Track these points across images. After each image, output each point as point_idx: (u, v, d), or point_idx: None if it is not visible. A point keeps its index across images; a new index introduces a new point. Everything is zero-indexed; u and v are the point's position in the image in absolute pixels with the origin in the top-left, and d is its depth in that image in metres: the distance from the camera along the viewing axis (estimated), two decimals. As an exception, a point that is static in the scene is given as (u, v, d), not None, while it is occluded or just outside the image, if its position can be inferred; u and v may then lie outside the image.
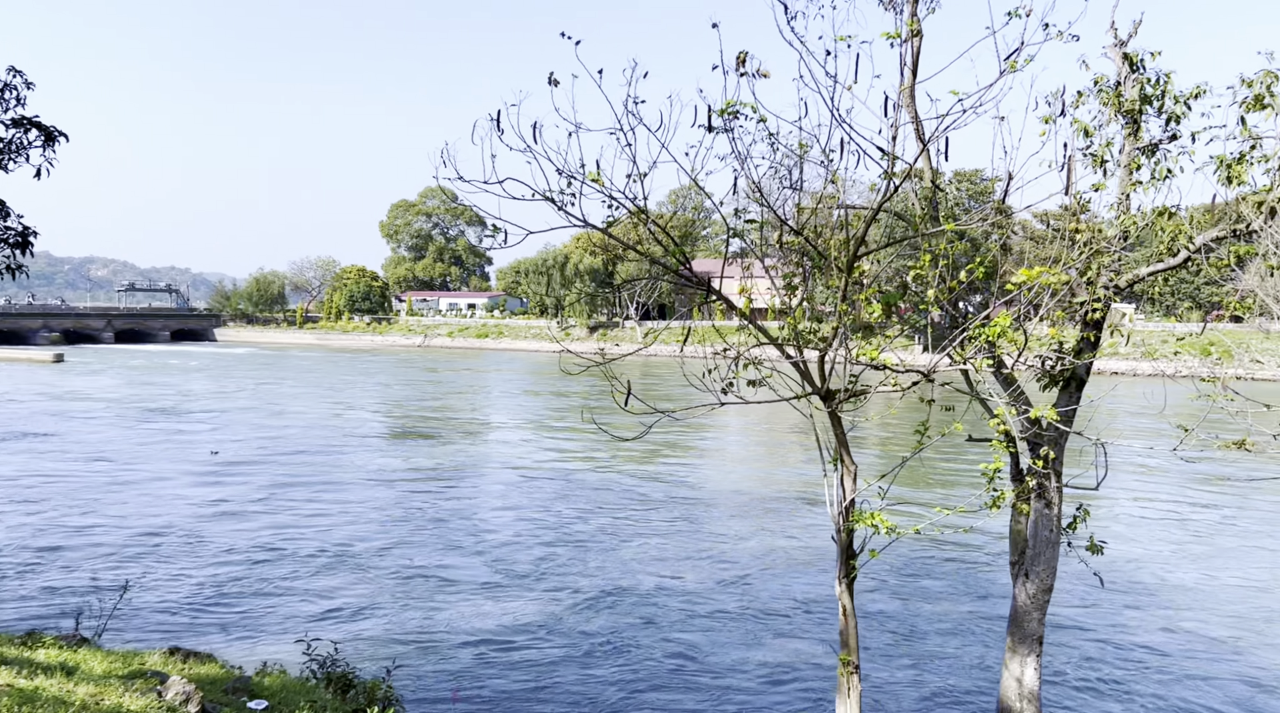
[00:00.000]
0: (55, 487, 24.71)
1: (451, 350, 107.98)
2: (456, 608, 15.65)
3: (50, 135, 11.11)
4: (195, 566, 17.63)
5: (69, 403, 46.14)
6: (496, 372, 75.82)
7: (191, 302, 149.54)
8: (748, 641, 14.46)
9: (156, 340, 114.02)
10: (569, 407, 49.20)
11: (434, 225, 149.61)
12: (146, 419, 40.55)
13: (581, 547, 19.78)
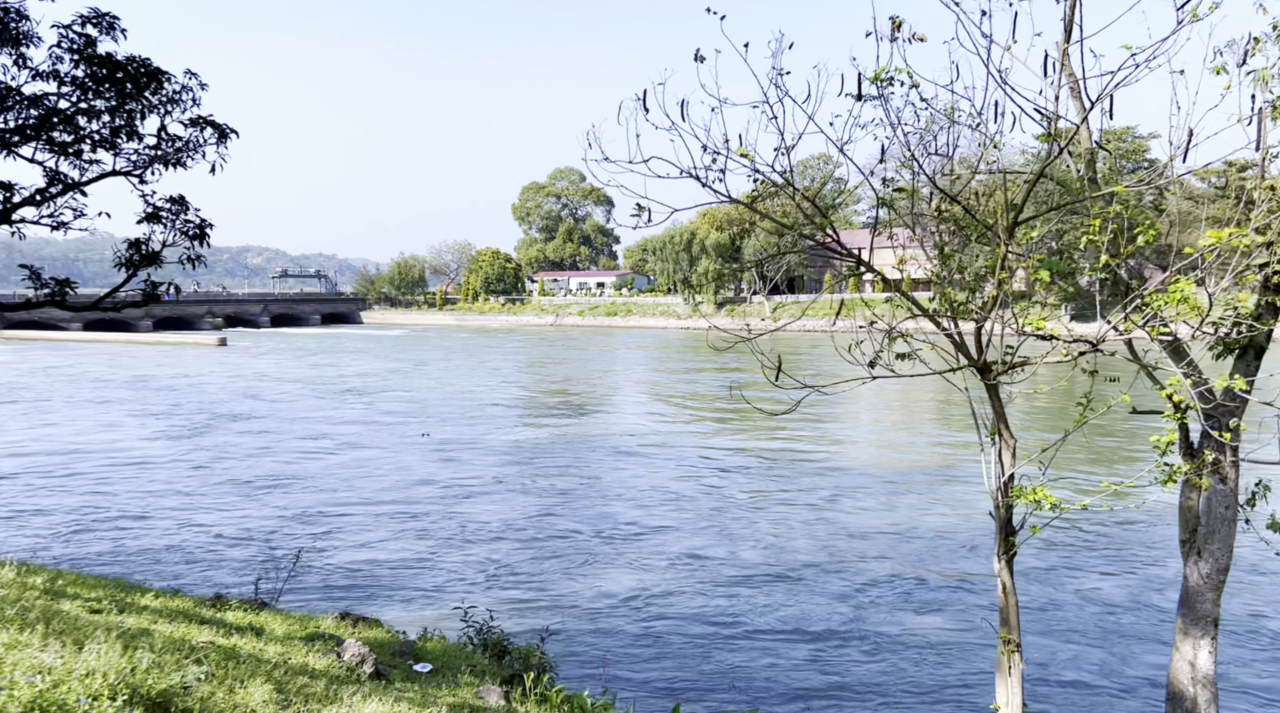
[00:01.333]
0: (242, 464, 26.56)
1: (582, 329, 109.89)
2: (603, 579, 16.04)
3: (223, 133, 11.87)
4: (360, 536, 18.66)
5: (257, 384, 49.01)
6: (626, 349, 76.71)
7: (339, 286, 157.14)
8: (899, 617, 14.27)
9: (308, 324, 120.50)
10: (701, 383, 49.40)
11: (563, 206, 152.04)
12: (328, 398, 42.91)
13: (722, 520, 19.91)
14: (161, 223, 12.39)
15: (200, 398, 42.22)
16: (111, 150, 11.81)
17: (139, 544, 17.73)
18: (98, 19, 10.33)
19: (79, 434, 31.06)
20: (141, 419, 34.97)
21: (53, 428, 32.37)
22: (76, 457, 26.74)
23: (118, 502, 21.32)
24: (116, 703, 3.39)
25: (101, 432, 31.75)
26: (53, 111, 11.32)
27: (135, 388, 46.17)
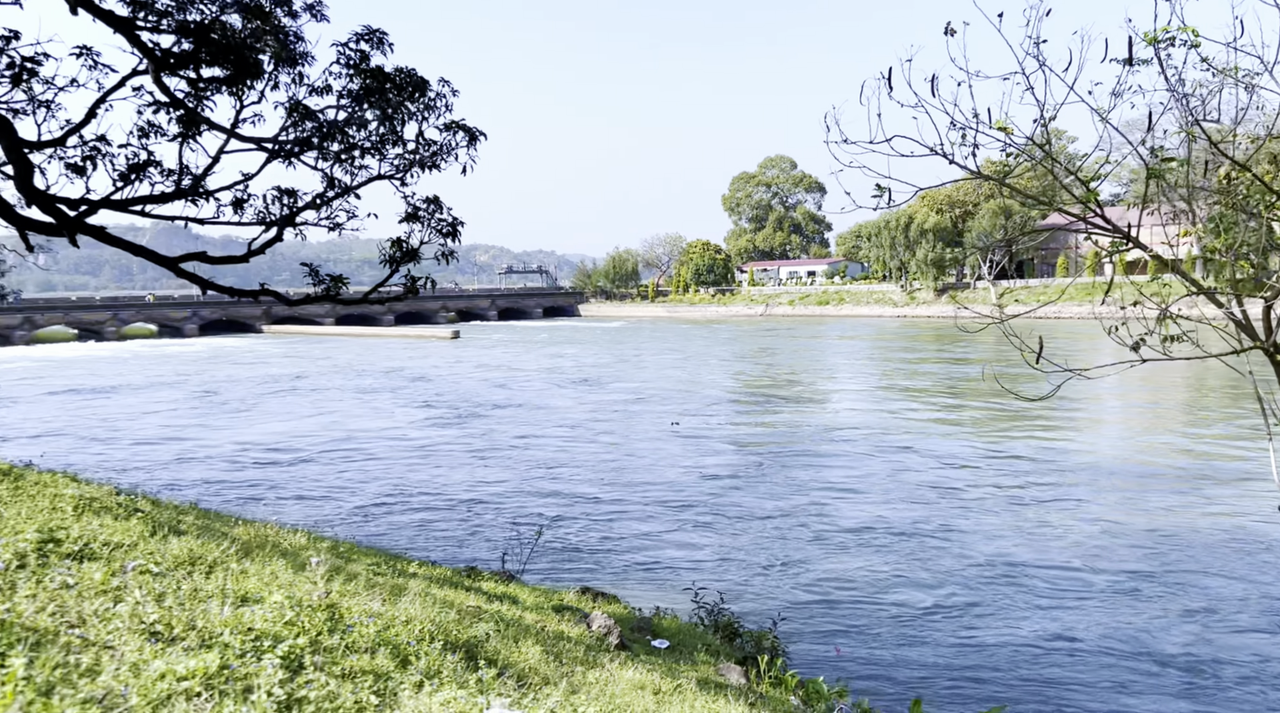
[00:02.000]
0: (494, 448, 28.44)
1: (792, 318, 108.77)
2: (832, 568, 15.91)
3: (473, 136, 12.70)
4: (596, 517, 19.51)
5: (499, 373, 52.01)
6: (840, 339, 75.22)
7: (558, 281, 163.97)
8: (1163, 626, 13.23)
9: (531, 317, 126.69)
10: (923, 373, 47.68)
11: (773, 195, 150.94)
12: (568, 387, 44.91)
13: (955, 513, 19.19)
14: (419, 222, 13.45)
15: (452, 387, 45.17)
16: (378, 156, 12.95)
17: (401, 519, 19.39)
18: (370, 35, 11.33)
19: (353, 420, 34.17)
20: (404, 407, 37.90)
21: (332, 416, 35.69)
22: (352, 441, 29.47)
23: (384, 481, 23.37)
24: (436, 646, 3.79)
25: (372, 419, 34.69)
26: (330, 123, 12.54)
27: (391, 377, 50.18)
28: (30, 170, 12.17)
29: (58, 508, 4.45)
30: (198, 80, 11.79)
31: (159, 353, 71.63)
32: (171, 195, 13.29)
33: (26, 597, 2.82)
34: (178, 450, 27.63)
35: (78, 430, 31.68)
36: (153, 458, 26.37)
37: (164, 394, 42.69)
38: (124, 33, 11.26)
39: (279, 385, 46.33)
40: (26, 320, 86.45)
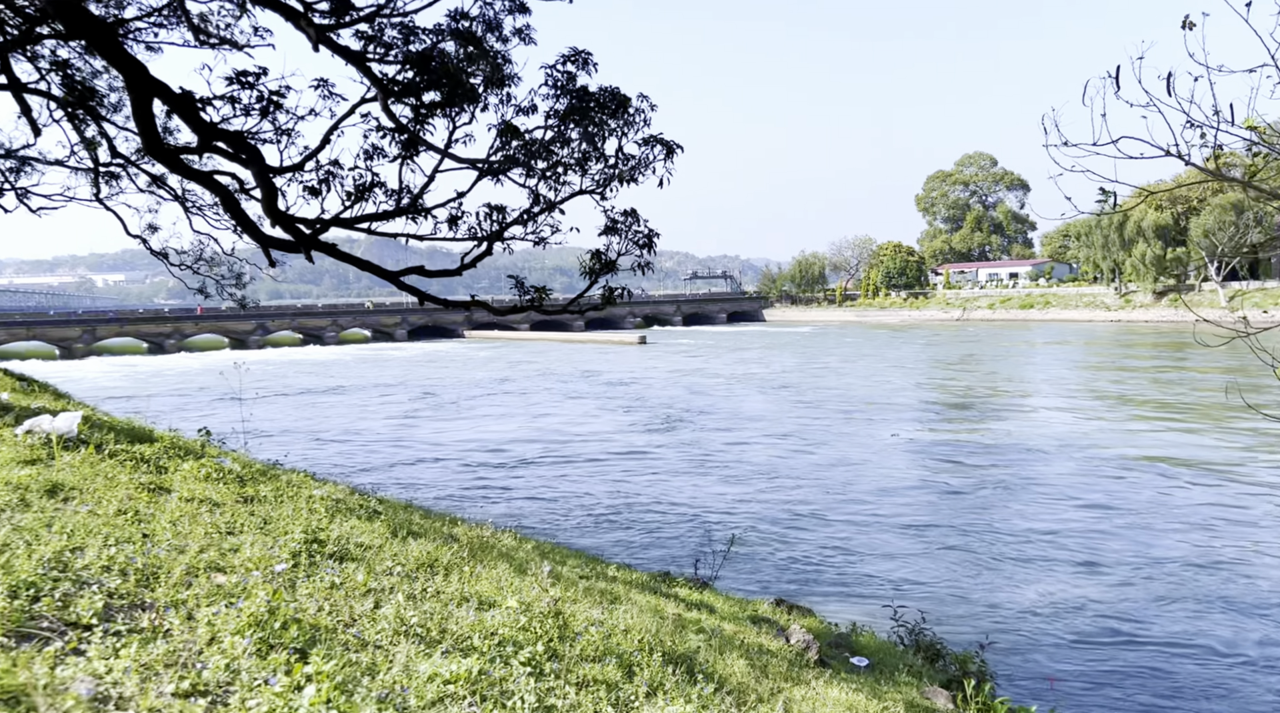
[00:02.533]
0: (696, 453, 28.89)
1: (992, 322, 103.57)
2: (1042, 590, 15.06)
3: (670, 149, 12.94)
4: (791, 526, 19.37)
5: (694, 379, 52.33)
6: (1047, 344, 70.92)
7: (742, 286, 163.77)
8: None
9: (715, 322, 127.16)
10: (1141, 383, 44.21)
11: (971, 193, 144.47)
12: (767, 392, 44.61)
13: (1173, 538, 17.70)
14: (617, 234, 13.82)
15: (647, 391, 45.83)
16: (580, 172, 13.42)
17: (598, 520, 19.96)
18: (576, 56, 11.77)
19: (555, 422, 35.43)
20: (602, 410, 38.78)
21: (536, 417, 37.13)
22: (554, 442, 30.59)
23: (583, 483, 24.13)
24: (656, 657, 3.90)
25: (572, 421, 35.76)
26: (537, 142, 13.11)
27: (588, 381, 51.64)
28: (275, 194, 13.43)
29: (313, 510, 4.90)
30: (419, 106, 12.61)
31: (375, 356, 77.04)
32: (393, 213, 14.31)
33: (306, 595, 3.14)
34: (399, 449, 29.64)
35: (312, 429, 34.54)
36: (377, 455, 28.41)
37: (385, 395, 45.89)
38: (356, 64, 12.23)
39: (487, 388, 48.74)
40: (260, 326, 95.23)
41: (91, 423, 5.54)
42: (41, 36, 15.44)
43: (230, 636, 2.41)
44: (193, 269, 26.74)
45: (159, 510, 3.74)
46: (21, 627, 2.15)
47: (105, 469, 4.32)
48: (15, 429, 4.72)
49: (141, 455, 4.89)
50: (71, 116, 18.39)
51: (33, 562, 2.50)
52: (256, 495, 4.80)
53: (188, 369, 65.21)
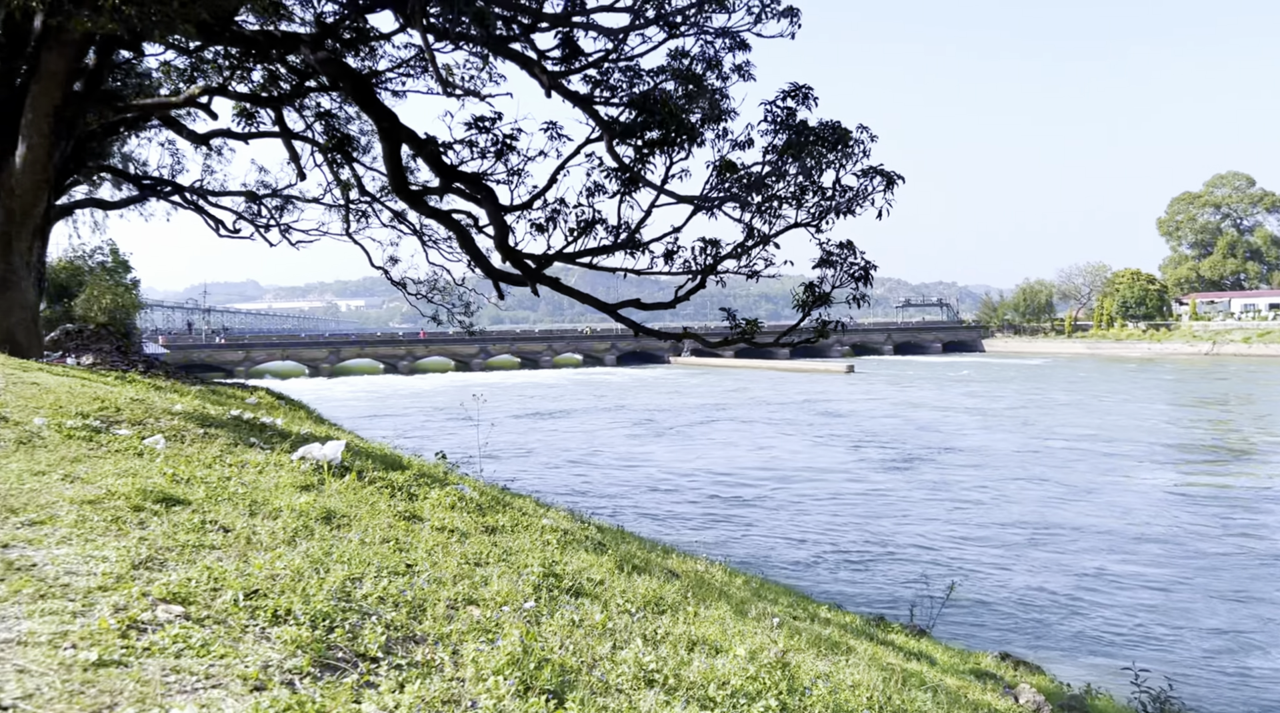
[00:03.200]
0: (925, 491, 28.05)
1: (1248, 358, 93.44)
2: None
3: (890, 180, 12.62)
4: (1011, 571, 18.26)
5: (916, 412, 50.03)
6: (1316, 385, 63.13)
7: (959, 314, 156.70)
8: None
9: (929, 352, 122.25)
10: None
11: (1223, 217, 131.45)
12: (991, 428, 42.21)
13: None
14: (832, 266, 13.62)
15: (865, 423, 44.32)
16: (796, 205, 13.35)
17: (810, 555, 19.60)
18: (796, 92, 11.76)
19: (770, 452, 35.01)
20: (822, 442, 37.68)
21: (754, 448, 36.72)
22: (767, 471, 30.29)
23: (795, 514, 23.74)
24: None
25: (788, 451, 35.14)
26: (753, 177, 13.18)
27: (800, 410, 50.60)
28: (507, 231, 14.26)
29: (547, 542, 5.13)
30: (641, 146, 13.00)
31: (589, 380, 79.72)
32: (611, 247, 14.80)
33: (550, 633, 3.28)
34: (614, 472, 30.42)
35: (536, 451, 35.99)
36: (595, 479, 29.28)
37: (603, 419, 47.25)
38: (583, 108, 12.81)
39: (700, 415, 49.03)
40: (482, 350, 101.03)
41: (352, 450, 6.07)
42: (309, 90, 17.26)
43: (493, 675, 2.57)
44: (427, 298, 28.82)
45: (415, 540, 4.04)
46: (322, 657, 2.38)
47: (366, 496, 4.72)
48: (290, 455, 5.26)
49: (395, 483, 5.30)
50: (329, 160, 20.36)
51: (324, 592, 2.78)
52: (496, 526, 5.09)
53: (419, 390, 70.06)
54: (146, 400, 6.36)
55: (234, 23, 14.09)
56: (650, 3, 11.67)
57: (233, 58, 17.08)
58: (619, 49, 12.52)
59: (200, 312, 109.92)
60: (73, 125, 14.08)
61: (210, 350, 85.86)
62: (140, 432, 5.20)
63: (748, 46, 13.10)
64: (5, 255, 12.38)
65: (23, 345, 12.42)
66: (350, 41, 14.88)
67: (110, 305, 33.87)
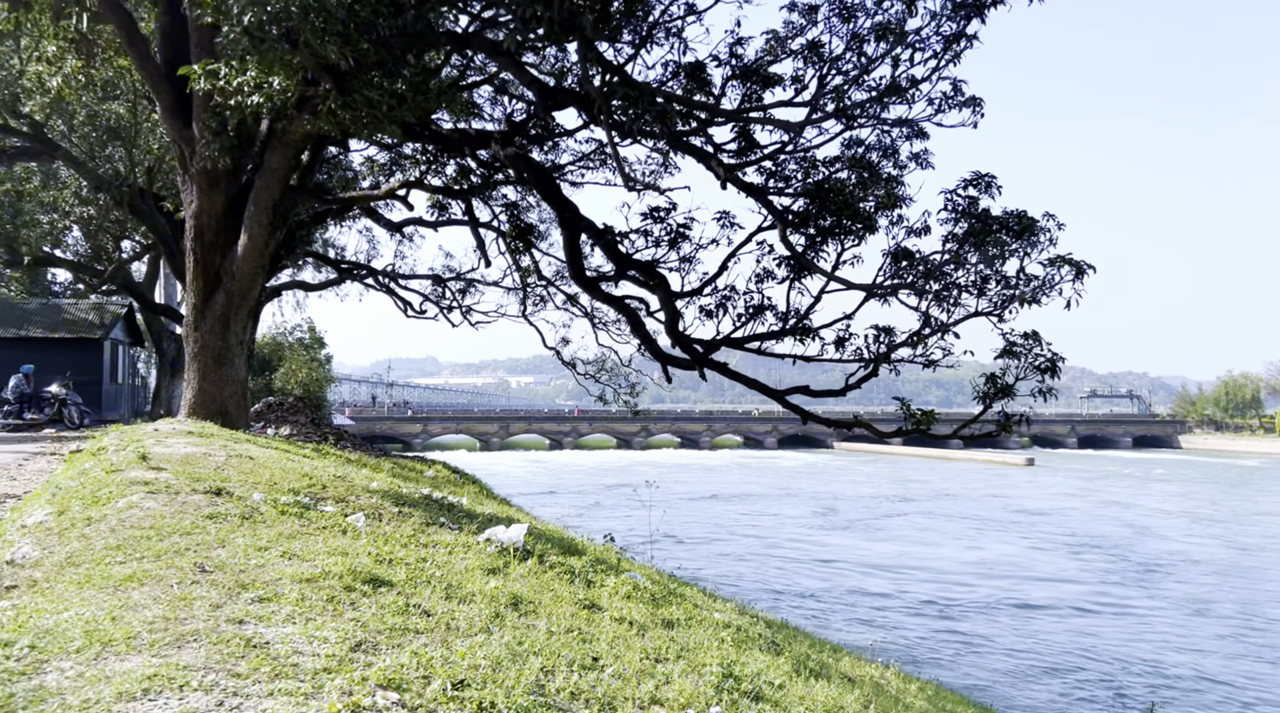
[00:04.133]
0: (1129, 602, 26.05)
1: None
2: None
3: (1080, 270, 12.05)
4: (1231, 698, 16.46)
5: (1124, 513, 45.48)
6: None
7: (1150, 407, 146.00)
8: None
9: (1118, 446, 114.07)
10: None
11: None
12: (1239, 543, 36.52)
13: None
14: (1016, 358, 13.04)
15: (1066, 523, 40.31)
16: (977, 293, 12.94)
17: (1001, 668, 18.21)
18: (978, 180, 11.51)
19: (960, 551, 32.71)
20: (1015, 543, 35.05)
21: (978, 550, 34.42)
22: (958, 573, 28.14)
23: (989, 622, 21.80)
24: None
25: (974, 551, 32.70)
26: (929, 265, 12.91)
27: (987, 506, 47.33)
28: (678, 317, 14.52)
29: (722, 638, 5.05)
30: (815, 234, 13.02)
31: (754, 463, 78.76)
32: (780, 333, 14.77)
33: (739, 743, 3.22)
34: (788, 564, 29.52)
35: (705, 537, 34.95)
36: (768, 569, 28.52)
37: (772, 506, 46.18)
38: (758, 198, 12.99)
39: (875, 506, 46.66)
40: (643, 429, 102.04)
41: (533, 533, 6.22)
42: (497, 183, 18.37)
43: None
44: (594, 378, 29.57)
45: (598, 631, 4.07)
46: (525, 755, 2.43)
47: (548, 582, 4.81)
48: (477, 536, 5.46)
49: (573, 569, 5.39)
50: (511, 247, 21.44)
51: (522, 685, 2.83)
52: (672, 619, 5.06)
53: (584, 465, 71.30)
54: (347, 477, 6.78)
55: (432, 122, 15.25)
56: (827, 97, 11.79)
57: (429, 153, 18.42)
58: (795, 141, 12.67)
59: (384, 386, 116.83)
60: (287, 217, 15.49)
61: (391, 422, 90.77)
62: (344, 509, 5.54)
63: (926, 135, 12.98)
64: (224, 334, 13.62)
65: (233, 416, 13.53)
66: (536, 137, 15.76)
67: (306, 379, 36.58)
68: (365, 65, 10.40)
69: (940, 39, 10.79)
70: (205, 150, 12.14)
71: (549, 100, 12.48)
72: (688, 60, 12.84)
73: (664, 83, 13.10)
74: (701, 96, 13.10)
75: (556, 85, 14.46)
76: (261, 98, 9.92)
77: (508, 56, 11.32)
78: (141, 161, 18.17)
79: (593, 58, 10.20)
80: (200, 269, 13.57)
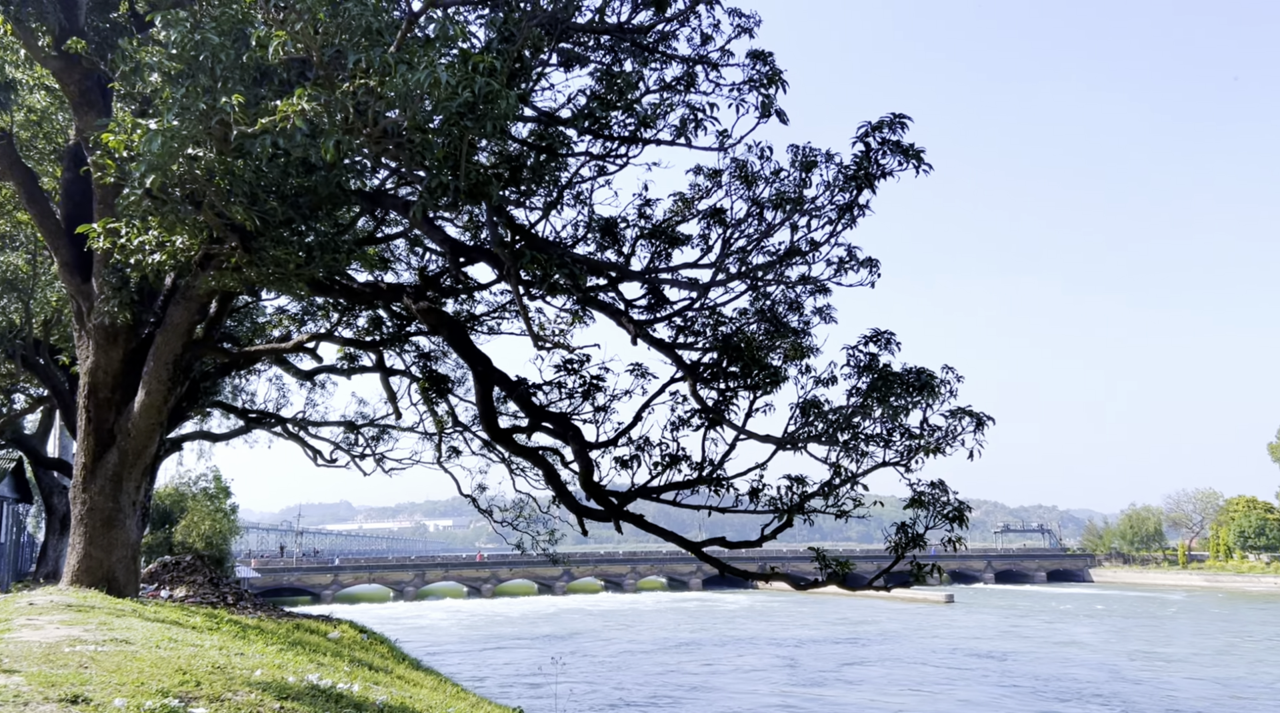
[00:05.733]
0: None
1: None
2: None
3: (980, 421, 12.44)
4: None
5: (1078, 653, 45.04)
6: None
7: (1061, 540, 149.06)
8: None
9: (1032, 581, 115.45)
10: None
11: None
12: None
13: None
14: (924, 508, 13.22)
15: (1005, 665, 40.55)
16: (883, 445, 13.19)
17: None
18: (878, 337, 11.92)
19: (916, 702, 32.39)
20: (955, 684, 35.08)
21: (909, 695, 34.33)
22: None
23: None
24: None
25: (938, 703, 32.31)
26: (838, 416, 13.16)
27: (904, 645, 46.71)
28: (592, 468, 14.37)
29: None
30: (725, 388, 13.21)
31: (679, 607, 77.00)
32: (695, 482, 14.72)
33: None
34: None
35: (632, 699, 33.24)
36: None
37: (697, 653, 44.39)
38: (667, 353, 13.19)
39: (830, 653, 45.18)
40: (566, 573, 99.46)
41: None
42: (409, 335, 18.33)
43: None
44: (512, 525, 28.93)
45: None
46: None
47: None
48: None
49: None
50: (426, 397, 21.21)
51: None
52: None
53: (504, 615, 68.68)
54: (228, 668, 6.31)
55: (344, 275, 15.25)
56: (732, 258, 12.22)
57: (340, 305, 18.35)
58: (702, 298, 13.02)
59: (293, 534, 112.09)
60: (189, 370, 15.08)
61: (300, 573, 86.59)
62: (217, 710, 5.12)
63: (828, 291, 13.48)
64: (115, 494, 12.94)
65: (121, 583, 12.72)
66: (450, 290, 15.86)
67: (209, 531, 34.80)
68: (272, 224, 10.40)
69: (834, 208, 11.38)
70: (104, 306, 11.84)
71: (461, 257, 12.63)
72: (598, 218, 13.23)
73: (577, 240, 13.43)
74: (613, 254, 13.44)
75: (470, 242, 14.69)
76: (164, 256, 9.78)
77: (422, 218, 11.47)
78: (39, 313, 17.65)
79: (502, 220, 10.43)
80: (92, 427, 13.00)
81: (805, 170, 11.27)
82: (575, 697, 31.15)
